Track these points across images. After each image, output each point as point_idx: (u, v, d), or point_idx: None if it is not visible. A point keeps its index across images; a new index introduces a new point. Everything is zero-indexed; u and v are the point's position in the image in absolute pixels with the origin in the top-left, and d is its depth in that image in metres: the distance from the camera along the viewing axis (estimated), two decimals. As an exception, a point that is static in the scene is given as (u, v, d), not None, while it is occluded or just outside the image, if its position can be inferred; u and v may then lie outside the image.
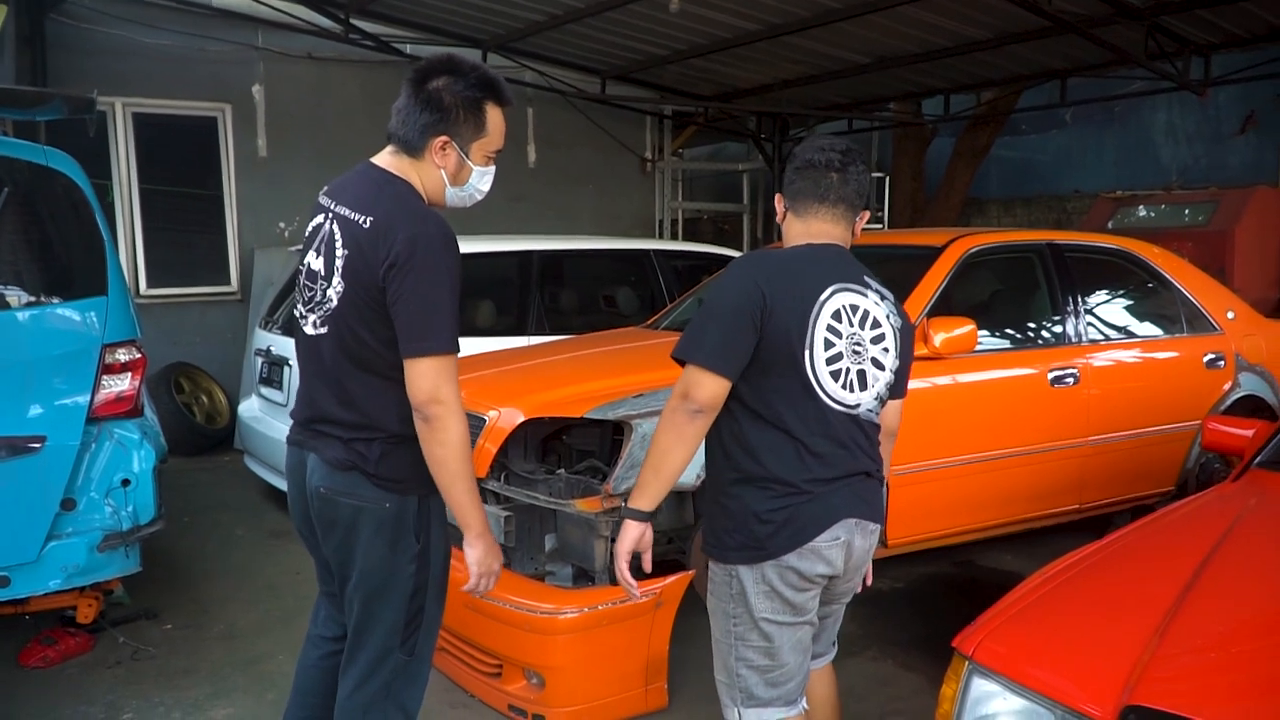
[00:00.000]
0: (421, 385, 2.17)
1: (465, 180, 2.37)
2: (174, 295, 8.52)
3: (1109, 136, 11.32)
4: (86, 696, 3.63)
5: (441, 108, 2.26)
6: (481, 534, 2.31)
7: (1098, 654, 2.02)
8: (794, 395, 2.31)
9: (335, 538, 2.37)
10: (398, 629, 2.37)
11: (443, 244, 2.20)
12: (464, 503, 2.26)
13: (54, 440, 3.39)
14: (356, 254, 2.22)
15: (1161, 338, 5.03)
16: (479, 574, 2.35)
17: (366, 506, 2.29)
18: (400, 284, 2.15)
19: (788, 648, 2.40)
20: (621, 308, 6.44)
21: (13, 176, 3.40)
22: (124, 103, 8.17)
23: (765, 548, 2.33)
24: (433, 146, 2.28)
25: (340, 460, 2.30)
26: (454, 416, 2.19)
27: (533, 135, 10.43)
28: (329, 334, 2.29)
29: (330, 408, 2.32)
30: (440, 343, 2.17)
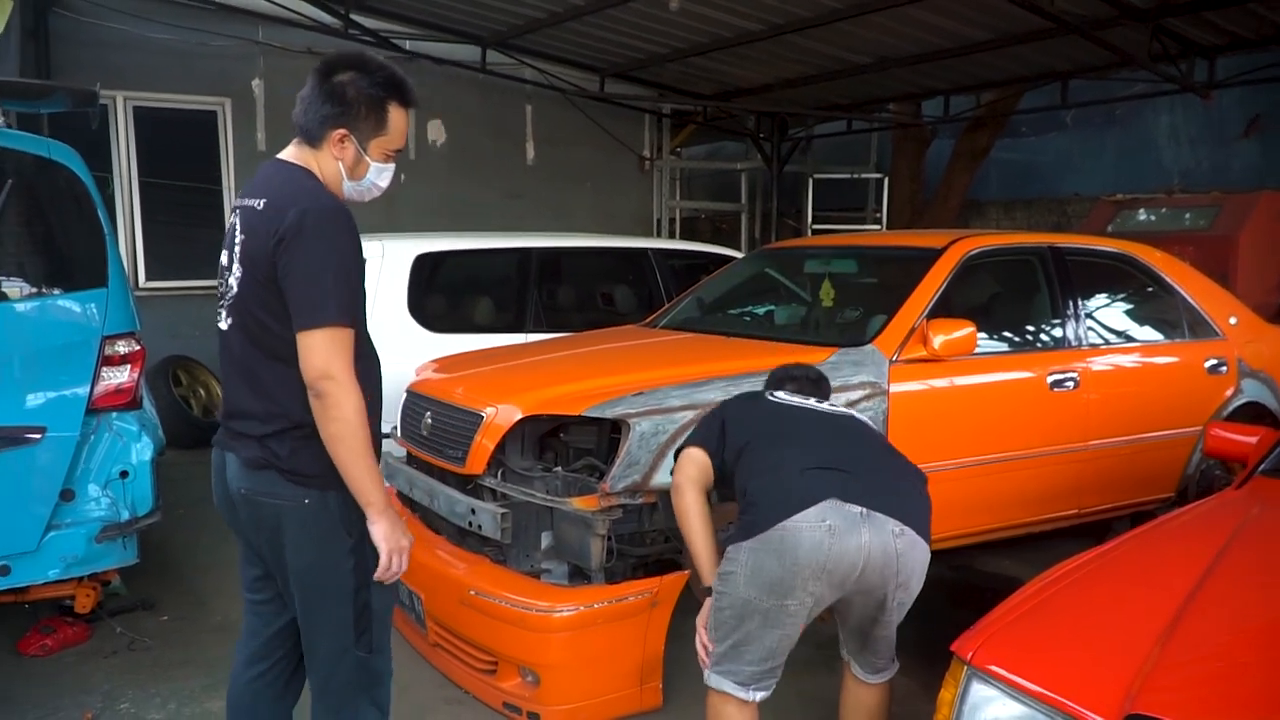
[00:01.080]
0: (311, 360, 2.13)
1: (362, 175, 2.35)
2: (172, 288, 8.51)
3: (1110, 139, 11.33)
4: (84, 685, 3.64)
5: (344, 101, 2.26)
6: (383, 511, 2.23)
7: (1099, 660, 2.02)
8: None
9: (264, 539, 2.34)
10: (347, 626, 2.33)
11: (332, 217, 2.18)
12: (363, 480, 2.18)
13: (54, 431, 3.39)
14: (250, 236, 2.22)
15: (1163, 342, 5.02)
16: (388, 550, 2.24)
17: (285, 505, 2.25)
18: (289, 258, 2.13)
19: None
20: (619, 306, 6.43)
21: (16, 168, 3.40)
22: (125, 96, 8.17)
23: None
24: (331, 138, 2.27)
25: (255, 459, 2.26)
26: (346, 391, 2.14)
27: (531, 133, 10.43)
28: (234, 324, 2.28)
29: (243, 401, 2.29)
30: (329, 314, 2.13)
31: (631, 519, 3.60)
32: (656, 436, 3.42)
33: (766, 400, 2.95)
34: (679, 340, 4.63)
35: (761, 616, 2.57)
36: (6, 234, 3.38)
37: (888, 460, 2.78)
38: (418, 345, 5.19)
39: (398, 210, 9.07)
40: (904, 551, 2.59)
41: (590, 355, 4.46)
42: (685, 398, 3.54)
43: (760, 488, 2.63)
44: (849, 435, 2.79)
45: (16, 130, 3.45)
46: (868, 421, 2.88)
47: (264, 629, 2.54)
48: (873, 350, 3.98)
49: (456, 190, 9.67)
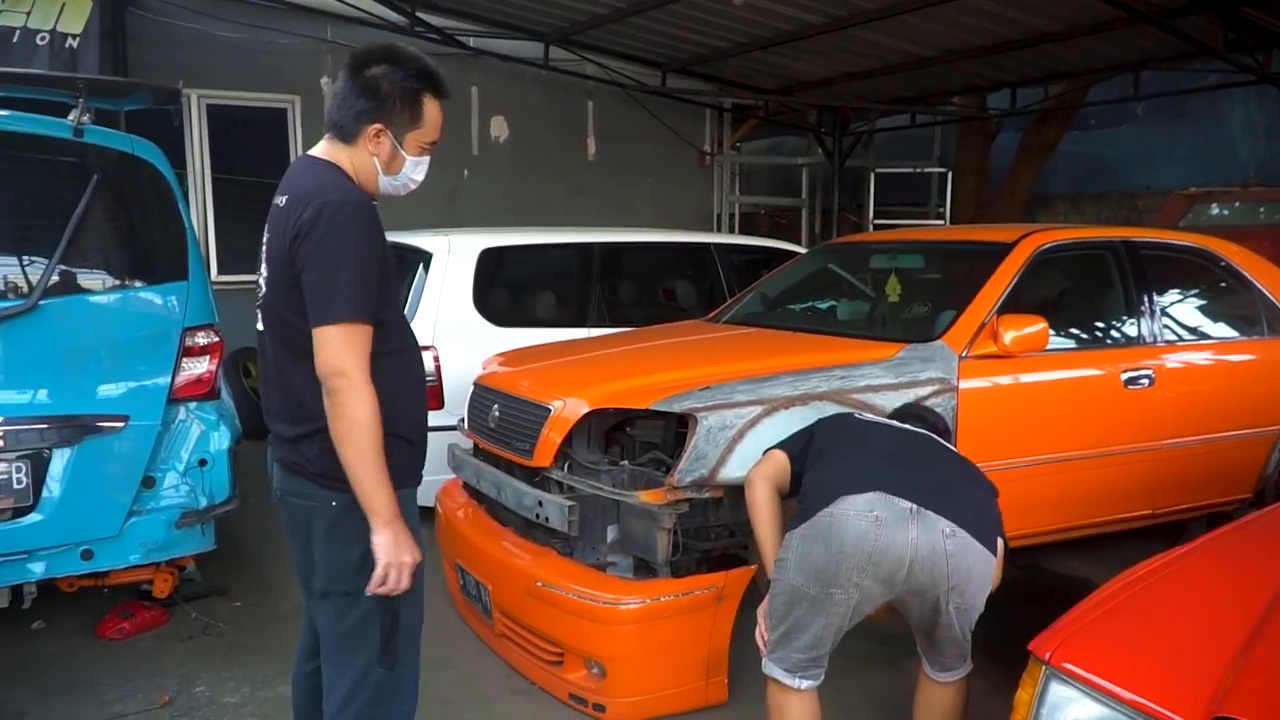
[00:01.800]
0: (324, 356, 2.07)
1: (398, 169, 2.30)
2: (243, 282, 8.67)
3: (1183, 131, 11.07)
4: (161, 668, 3.73)
5: (378, 96, 2.20)
6: (389, 521, 2.13)
7: (1183, 662, 1.97)
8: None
9: (298, 541, 2.32)
10: (375, 641, 2.26)
11: (351, 211, 2.12)
12: (369, 485, 2.10)
13: (136, 420, 3.49)
14: (273, 234, 2.20)
15: (1241, 339, 4.89)
16: (385, 563, 2.13)
17: (315, 507, 2.22)
18: (305, 252, 2.09)
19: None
20: (681, 301, 6.43)
21: (101, 165, 3.50)
22: (198, 94, 8.35)
23: None
24: (366, 134, 2.23)
25: (288, 461, 2.26)
26: (357, 391, 2.07)
27: (593, 128, 10.47)
28: (266, 326, 2.25)
29: (276, 403, 2.28)
30: (344, 309, 2.07)
31: (697, 513, 3.61)
32: (723, 431, 3.42)
33: (856, 418, 3.04)
34: (744, 335, 4.62)
35: (809, 604, 2.62)
36: (92, 228, 3.48)
37: (955, 468, 2.78)
38: (482, 339, 5.24)
39: (461, 206, 9.17)
40: (955, 553, 2.58)
41: (656, 350, 4.46)
42: (752, 392, 3.53)
43: (815, 478, 2.72)
44: (921, 445, 2.79)
45: (101, 128, 3.54)
46: (948, 445, 2.89)
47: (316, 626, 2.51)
48: (942, 346, 3.93)
49: (519, 186, 9.74)
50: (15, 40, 6.27)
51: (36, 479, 3.35)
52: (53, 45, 6.37)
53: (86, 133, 3.43)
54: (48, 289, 3.29)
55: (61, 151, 3.42)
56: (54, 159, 3.44)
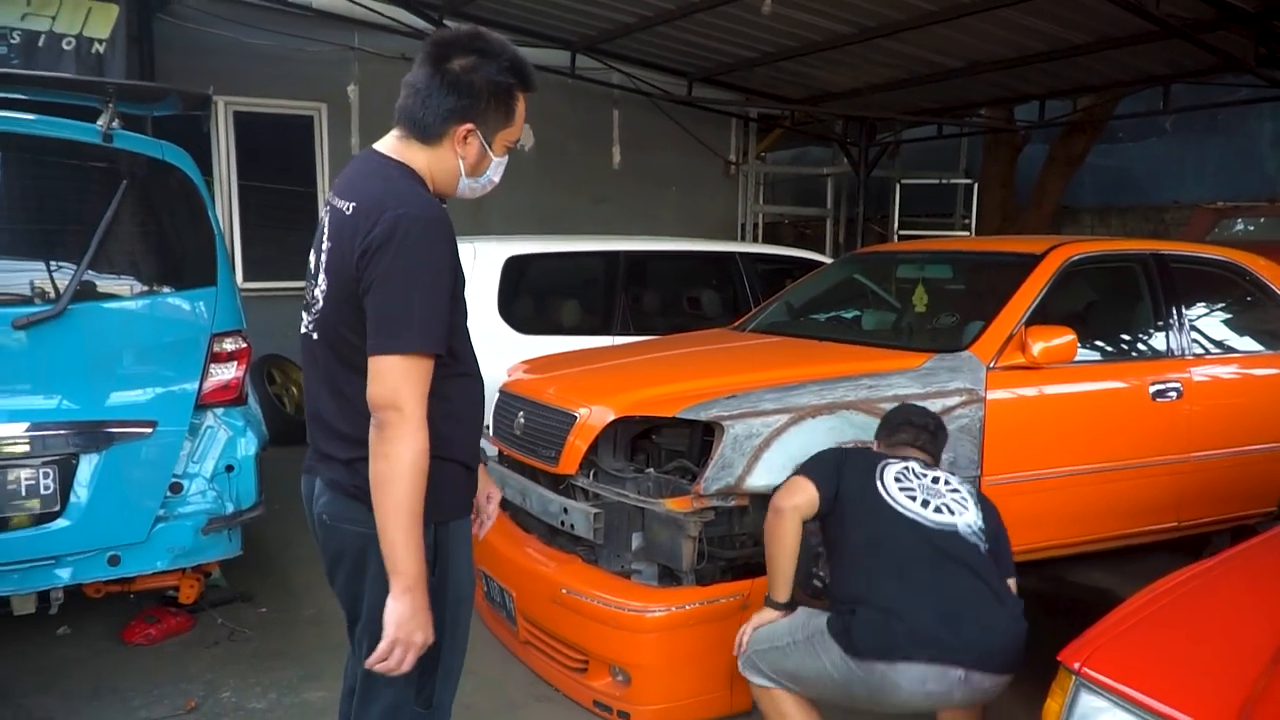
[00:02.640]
0: (378, 388, 1.87)
1: (483, 171, 2.10)
2: (268, 289, 8.73)
3: (1211, 146, 10.97)
4: (187, 674, 3.75)
5: (471, 93, 1.99)
6: (411, 587, 1.88)
7: (1213, 674, 1.95)
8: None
9: (343, 571, 2.10)
10: (411, 677, 2.02)
11: (427, 227, 1.90)
12: (400, 539, 1.87)
13: (164, 425, 3.51)
14: (337, 244, 1.97)
15: (1268, 353, 4.83)
16: (393, 638, 1.89)
17: (373, 534, 1.92)
18: (373, 270, 1.87)
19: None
20: (706, 310, 6.42)
21: (131, 170, 3.52)
22: (225, 101, 8.42)
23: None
24: (455, 135, 2.01)
25: (341, 483, 2.03)
26: (409, 429, 1.86)
27: (618, 137, 10.48)
28: (320, 338, 2.04)
29: (331, 419, 2.05)
30: (411, 340, 1.86)
31: (722, 521, 3.59)
32: (750, 439, 3.41)
33: (878, 484, 2.84)
34: (770, 344, 4.61)
35: (824, 688, 2.74)
36: (121, 233, 3.50)
37: (986, 592, 2.68)
38: (507, 346, 5.25)
39: (486, 214, 9.19)
40: (989, 690, 2.64)
41: (682, 358, 4.46)
42: (779, 401, 3.52)
43: (858, 596, 2.67)
44: (950, 561, 2.68)
45: (131, 133, 3.57)
46: (970, 534, 2.77)
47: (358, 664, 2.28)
48: (970, 356, 3.91)
49: (543, 194, 9.76)
50: (41, 44, 6.30)
51: (64, 485, 3.37)
52: (79, 50, 6.41)
53: (116, 138, 3.46)
54: (76, 294, 3.32)
55: (91, 157, 3.45)
56: (83, 164, 3.47)
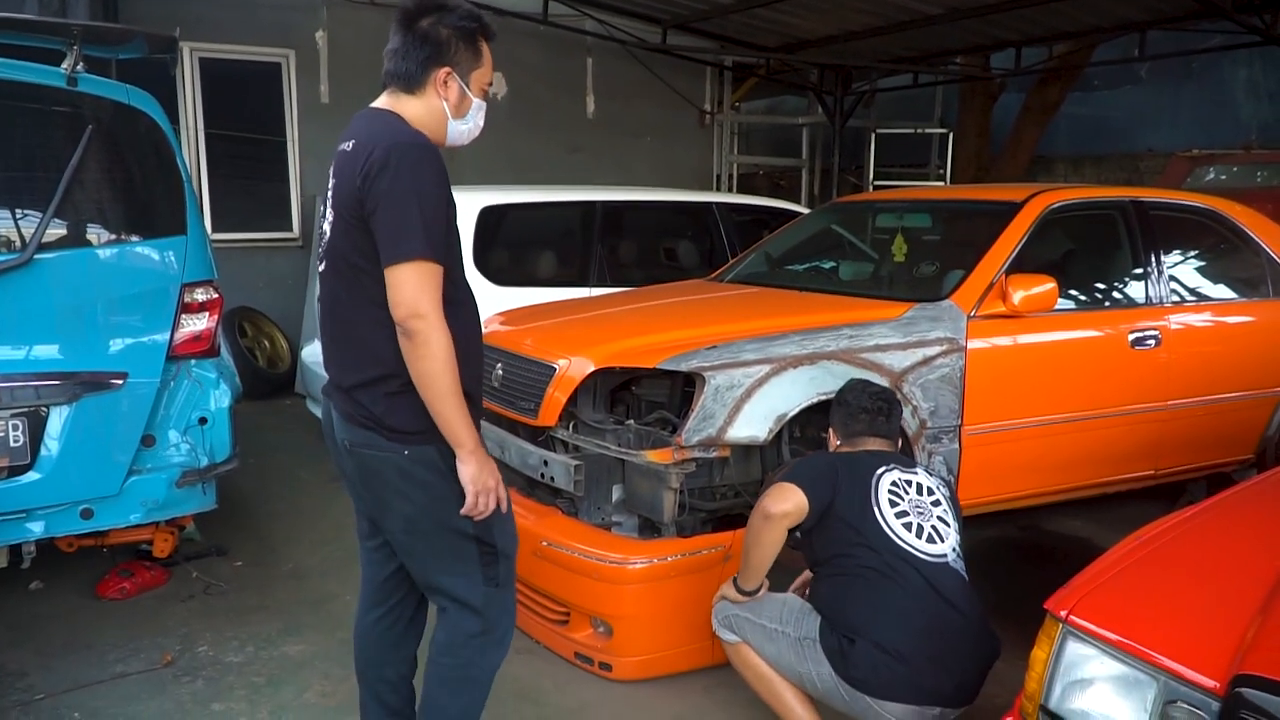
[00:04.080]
0: (399, 296, 2.10)
1: (466, 112, 2.35)
2: (237, 240, 8.58)
3: (1186, 93, 10.96)
4: (162, 628, 3.71)
5: (439, 41, 2.26)
6: (474, 450, 2.22)
7: (1203, 619, 1.96)
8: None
9: (370, 489, 2.35)
10: (475, 559, 2.34)
11: (422, 153, 2.17)
12: (453, 419, 2.17)
13: (135, 377, 3.43)
14: (340, 178, 2.23)
15: (1246, 301, 4.86)
16: (474, 491, 2.24)
17: (389, 457, 2.25)
18: (375, 191, 2.11)
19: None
20: (682, 261, 6.38)
21: (97, 115, 3.40)
22: (191, 47, 8.19)
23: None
24: (435, 79, 2.28)
25: (352, 413, 2.28)
26: (436, 330, 2.11)
27: (591, 86, 10.33)
28: (328, 268, 2.30)
29: (339, 351, 2.32)
30: (417, 247, 2.10)
31: (703, 473, 3.59)
32: (731, 390, 3.39)
33: (875, 510, 2.77)
34: (750, 294, 4.58)
35: (799, 681, 2.78)
36: (87, 181, 3.39)
37: (970, 633, 2.70)
38: (483, 298, 5.12)
39: (459, 164, 9.00)
40: (951, 717, 2.69)
41: (661, 309, 4.42)
42: (760, 351, 3.49)
43: (856, 626, 2.65)
44: (943, 602, 2.67)
45: (96, 76, 3.45)
46: (955, 561, 2.77)
47: (376, 575, 2.58)
48: (950, 305, 3.90)
49: (517, 144, 9.60)
50: (3, -10, 6.12)
51: (34, 437, 3.30)
52: (42, -6, 6.23)
53: (81, 81, 3.33)
54: (42, 243, 3.22)
55: (55, 101, 3.32)
56: (47, 109, 3.33)
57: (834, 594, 2.75)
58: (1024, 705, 2.12)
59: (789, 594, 2.97)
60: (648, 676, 3.36)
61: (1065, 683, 2.04)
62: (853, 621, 2.66)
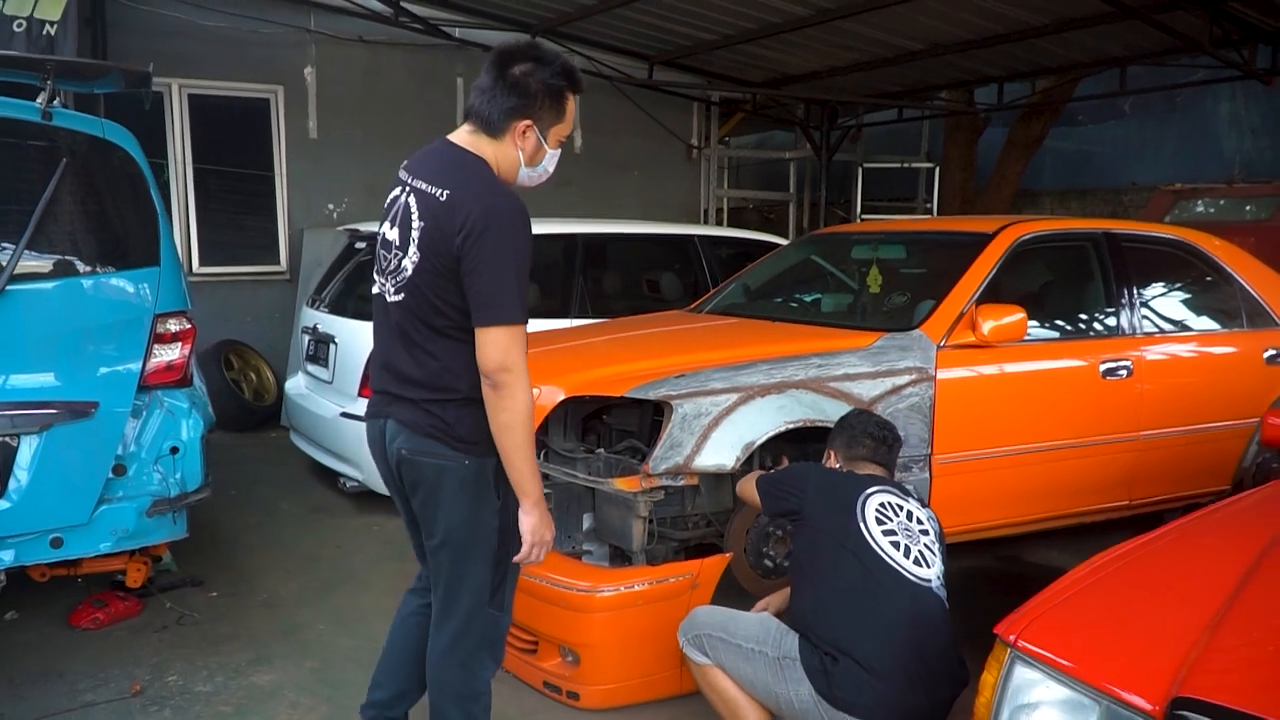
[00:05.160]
0: (491, 354, 2.26)
1: (539, 161, 2.47)
2: (225, 274, 8.64)
3: (1170, 128, 11.09)
4: (134, 657, 3.70)
5: (527, 94, 2.36)
6: (538, 503, 2.39)
7: (1147, 644, 1.97)
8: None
9: (420, 496, 2.47)
10: (486, 585, 2.49)
11: (514, 216, 2.28)
12: (524, 470, 2.34)
13: (106, 406, 3.44)
14: (433, 225, 2.32)
15: (1220, 332, 4.90)
16: (531, 543, 2.42)
17: (448, 465, 2.39)
18: (474, 254, 2.24)
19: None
20: (665, 293, 6.43)
21: (71, 148, 3.44)
22: (180, 84, 8.28)
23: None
24: (515, 129, 2.38)
25: (417, 423, 2.41)
26: (521, 385, 2.28)
27: (579, 121, 10.41)
28: (405, 301, 2.39)
29: (406, 369, 2.42)
30: (511, 312, 2.26)
31: (674, 502, 3.60)
32: (699, 419, 3.41)
33: (861, 525, 2.78)
34: (723, 325, 4.61)
35: (775, 702, 2.77)
36: (62, 212, 3.42)
37: (947, 659, 2.73)
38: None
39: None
40: None
41: (633, 339, 4.45)
42: (728, 380, 3.52)
43: (840, 644, 2.65)
44: (927, 625, 2.70)
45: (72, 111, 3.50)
46: (939, 587, 2.79)
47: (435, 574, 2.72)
48: (920, 335, 3.93)
49: (503, 177, 9.68)
50: (-8, 27, 6.22)
51: (4, 466, 3.30)
52: (30, 32, 6.30)
53: (55, 116, 3.38)
54: (15, 274, 3.24)
55: (29, 135, 3.36)
56: (22, 142, 3.38)
57: (817, 606, 2.75)
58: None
59: (764, 614, 2.98)
60: (615, 705, 3.35)
61: (1013, 707, 2.05)
62: (835, 635, 2.66)
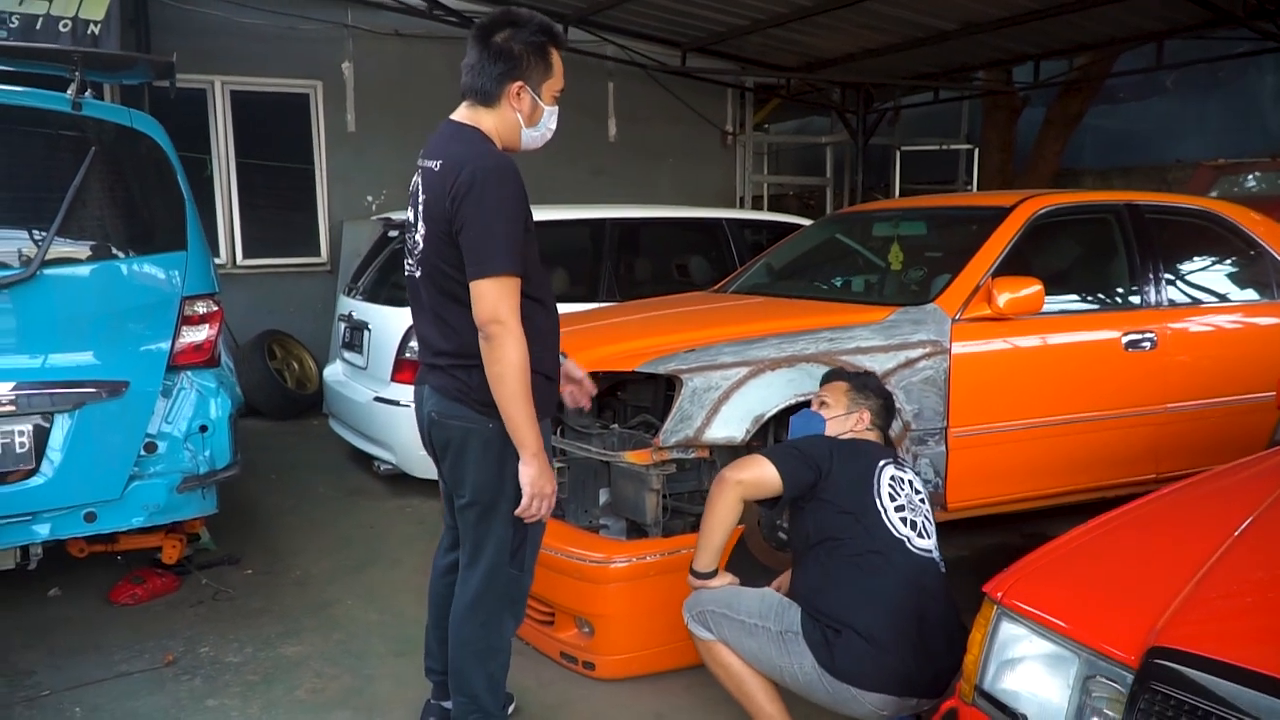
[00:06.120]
0: (482, 306, 2.34)
1: (538, 120, 2.57)
2: (268, 266, 8.84)
3: (1213, 102, 10.85)
4: (169, 630, 3.84)
5: (512, 56, 2.46)
6: (536, 454, 2.45)
7: (1128, 599, 1.98)
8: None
9: (450, 458, 2.59)
10: (507, 544, 2.59)
11: (501, 174, 2.37)
12: (520, 421, 2.40)
13: (137, 385, 3.57)
14: (430, 196, 2.45)
15: (1249, 302, 4.81)
16: (531, 494, 2.47)
17: (473, 428, 2.50)
18: (462, 212, 2.34)
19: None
20: (694, 277, 6.45)
21: (100, 137, 3.58)
22: (222, 81, 8.49)
23: None
24: (509, 93, 2.48)
25: (445, 387, 2.54)
26: (512, 336, 2.35)
27: (613, 109, 10.48)
28: (423, 274, 2.53)
29: (434, 340, 2.56)
30: (499, 264, 2.33)
31: (690, 477, 3.65)
32: (709, 392, 3.45)
33: (876, 499, 2.78)
34: (742, 303, 4.64)
35: (779, 676, 2.75)
36: (91, 199, 3.56)
37: (948, 626, 2.73)
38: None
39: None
40: (927, 709, 2.69)
41: (651, 318, 4.49)
42: (738, 354, 3.56)
43: (843, 616, 2.65)
44: (928, 594, 2.72)
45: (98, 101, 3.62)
46: (939, 557, 2.81)
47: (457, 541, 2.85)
48: (934, 309, 3.93)
49: (539, 167, 9.70)
50: (39, 28, 6.42)
51: (39, 443, 3.44)
52: (75, 32, 6.50)
53: (85, 106, 3.51)
54: (47, 259, 3.38)
55: (60, 125, 3.50)
56: (53, 132, 3.53)
57: (821, 577, 2.75)
58: (962, 688, 2.15)
59: (765, 589, 2.97)
60: (630, 675, 3.41)
61: (999, 662, 2.08)
62: (837, 607, 2.67)
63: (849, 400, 3.08)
